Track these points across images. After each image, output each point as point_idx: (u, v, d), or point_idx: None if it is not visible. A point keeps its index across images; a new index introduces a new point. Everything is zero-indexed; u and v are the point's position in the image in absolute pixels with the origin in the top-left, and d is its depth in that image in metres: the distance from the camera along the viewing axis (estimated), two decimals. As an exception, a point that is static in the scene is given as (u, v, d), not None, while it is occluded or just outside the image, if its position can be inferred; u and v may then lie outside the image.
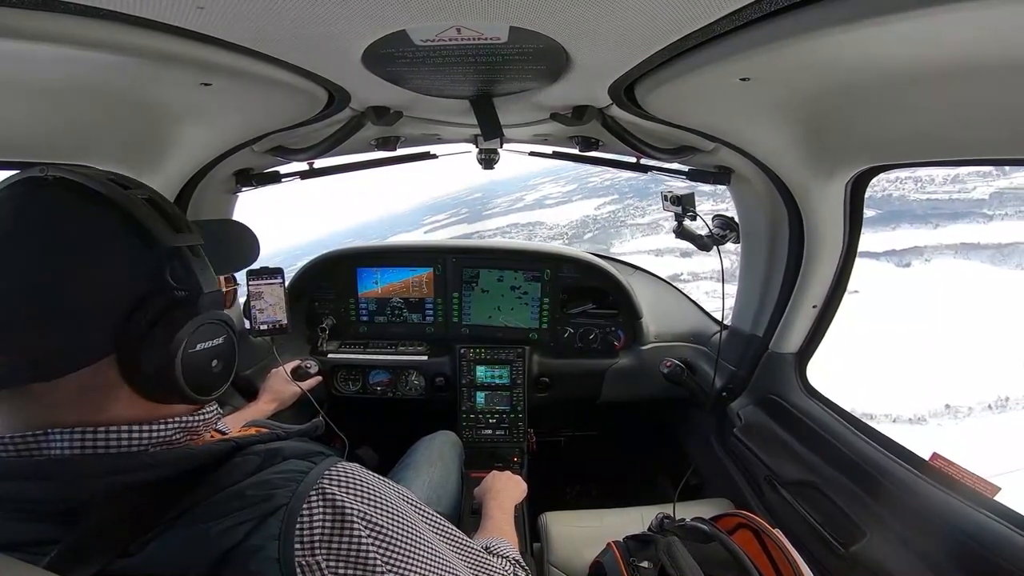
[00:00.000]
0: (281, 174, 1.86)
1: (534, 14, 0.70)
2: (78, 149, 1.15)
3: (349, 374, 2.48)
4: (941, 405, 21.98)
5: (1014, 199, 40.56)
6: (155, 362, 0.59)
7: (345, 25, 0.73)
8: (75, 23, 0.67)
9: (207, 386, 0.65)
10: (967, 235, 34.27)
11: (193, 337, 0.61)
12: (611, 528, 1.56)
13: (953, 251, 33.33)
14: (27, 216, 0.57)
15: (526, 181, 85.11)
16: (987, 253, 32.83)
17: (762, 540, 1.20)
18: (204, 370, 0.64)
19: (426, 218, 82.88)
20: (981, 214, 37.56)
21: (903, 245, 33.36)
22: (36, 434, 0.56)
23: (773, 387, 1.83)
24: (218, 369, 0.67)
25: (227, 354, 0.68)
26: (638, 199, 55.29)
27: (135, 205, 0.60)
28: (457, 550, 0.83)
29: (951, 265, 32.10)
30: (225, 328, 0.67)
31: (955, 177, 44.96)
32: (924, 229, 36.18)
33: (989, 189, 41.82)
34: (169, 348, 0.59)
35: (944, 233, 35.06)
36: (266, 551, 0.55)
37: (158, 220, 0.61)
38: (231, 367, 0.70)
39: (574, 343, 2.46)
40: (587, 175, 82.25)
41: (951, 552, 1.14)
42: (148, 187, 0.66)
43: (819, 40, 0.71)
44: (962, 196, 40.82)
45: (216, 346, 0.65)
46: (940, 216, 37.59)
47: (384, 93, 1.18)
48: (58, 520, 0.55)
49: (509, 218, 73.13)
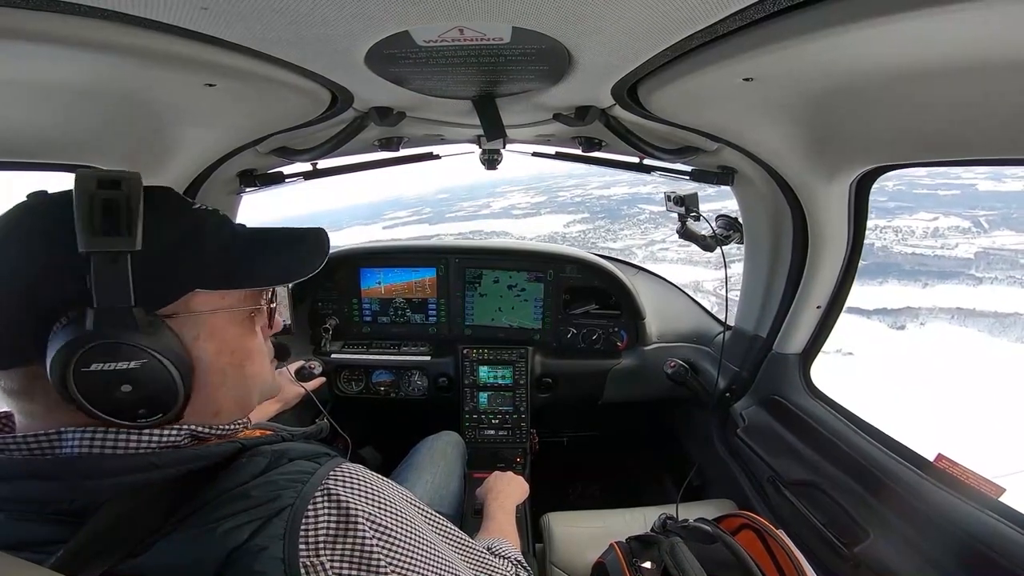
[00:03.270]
0: (285, 175, 1.86)
1: (537, 15, 0.70)
2: (83, 150, 1.16)
3: (352, 374, 2.49)
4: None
5: (1001, 262, 39.91)
6: (53, 375, 0.55)
7: (348, 26, 0.73)
8: (80, 24, 0.68)
9: (124, 411, 0.59)
10: (961, 299, 33.33)
11: (86, 355, 0.55)
12: (614, 529, 1.56)
13: (949, 315, 32.15)
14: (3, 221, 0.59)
15: (494, 187, 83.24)
16: (985, 322, 31.71)
17: (765, 541, 1.19)
18: (109, 394, 0.58)
19: (387, 213, 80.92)
20: (970, 276, 36.79)
21: (895, 304, 32.38)
22: (49, 433, 0.57)
23: (777, 388, 1.83)
24: (133, 396, 0.58)
25: (147, 381, 0.59)
26: (609, 221, 53.27)
27: (82, 204, 0.55)
28: (459, 551, 0.83)
29: (948, 331, 30.91)
30: (140, 352, 0.58)
31: (935, 231, 44.55)
32: (914, 287, 35.20)
33: (972, 247, 41.07)
34: (61, 362, 0.55)
35: (935, 294, 34.13)
36: (271, 551, 0.55)
37: (90, 221, 0.55)
38: (159, 396, 0.60)
39: (577, 343, 2.46)
40: (557, 188, 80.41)
41: (956, 553, 1.14)
42: (137, 185, 0.58)
43: (823, 40, 0.71)
44: (945, 252, 40.07)
45: (123, 370, 0.57)
46: (928, 275, 36.78)
47: (387, 94, 1.18)
48: (64, 520, 0.55)
49: (473, 224, 71.36)
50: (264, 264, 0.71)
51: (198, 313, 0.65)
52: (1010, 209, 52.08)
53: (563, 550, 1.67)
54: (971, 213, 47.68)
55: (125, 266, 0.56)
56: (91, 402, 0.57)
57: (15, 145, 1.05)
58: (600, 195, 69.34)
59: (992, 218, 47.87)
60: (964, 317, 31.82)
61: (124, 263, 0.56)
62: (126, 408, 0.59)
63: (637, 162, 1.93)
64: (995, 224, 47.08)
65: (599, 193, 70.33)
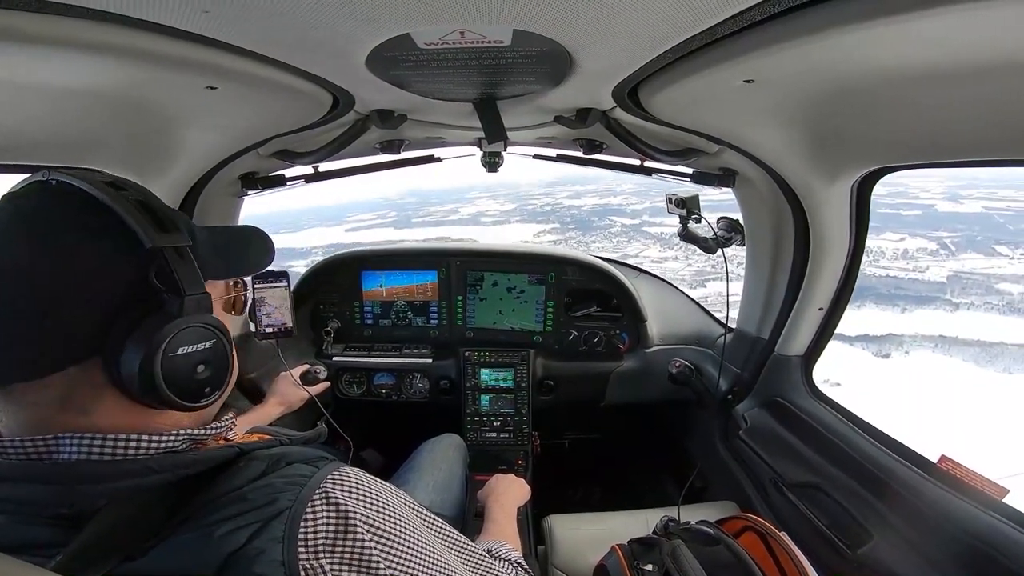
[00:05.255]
0: (286, 177, 1.86)
1: (538, 17, 0.71)
2: (85, 152, 1.16)
3: (354, 377, 2.49)
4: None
5: (974, 286, 39.27)
6: (135, 365, 0.57)
7: (349, 29, 0.73)
8: (81, 26, 0.68)
9: (193, 392, 0.63)
10: (942, 326, 32.37)
11: (174, 341, 0.59)
12: (615, 531, 1.56)
13: (933, 343, 31.17)
14: (20, 217, 0.57)
15: (463, 193, 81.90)
16: (971, 351, 30.68)
17: (768, 543, 1.19)
18: (188, 375, 0.62)
19: (351, 215, 79.18)
20: (946, 301, 35.96)
21: (877, 331, 31.37)
22: (47, 438, 0.57)
23: (779, 389, 1.82)
24: (205, 375, 0.64)
25: (216, 360, 0.65)
26: (580, 232, 52.36)
27: (123, 205, 0.59)
28: (459, 553, 0.83)
29: (932, 360, 29.85)
30: (213, 333, 0.64)
31: (904, 252, 44.06)
32: (892, 312, 34.19)
33: (942, 271, 40.62)
34: (147, 351, 0.57)
35: (915, 320, 33.21)
36: (270, 554, 0.55)
37: (143, 220, 0.59)
38: (223, 374, 0.67)
39: (578, 346, 2.46)
40: (527, 196, 79.71)
41: (959, 555, 1.13)
42: (143, 189, 0.65)
43: (823, 42, 0.71)
44: (918, 275, 39.59)
45: (202, 351, 0.63)
46: (906, 299, 35.98)
47: (388, 96, 1.19)
48: (63, 524, 0.55)
49: (440, 230, 70.62)
50: (240, 256, 0.81)
51: None
52: (972, 231, 51.88)
53: (564, 552, 1.67)
54: (936, 235, 47.49)
55: (190, 258, 0.63)
56: (172, 387, 0.59)
57: (15, 147, 1.06)
58: (570, 204, 69.05)
59: (957, 240, 47.77)
60: (948, 345, 31.07)
61: (188, 255, 0.63)
62: (198, 388, 0.64)
63: (638, 164, 1.93)
64: (960, 246, 46.90)
65: (569, 203, 70.05)
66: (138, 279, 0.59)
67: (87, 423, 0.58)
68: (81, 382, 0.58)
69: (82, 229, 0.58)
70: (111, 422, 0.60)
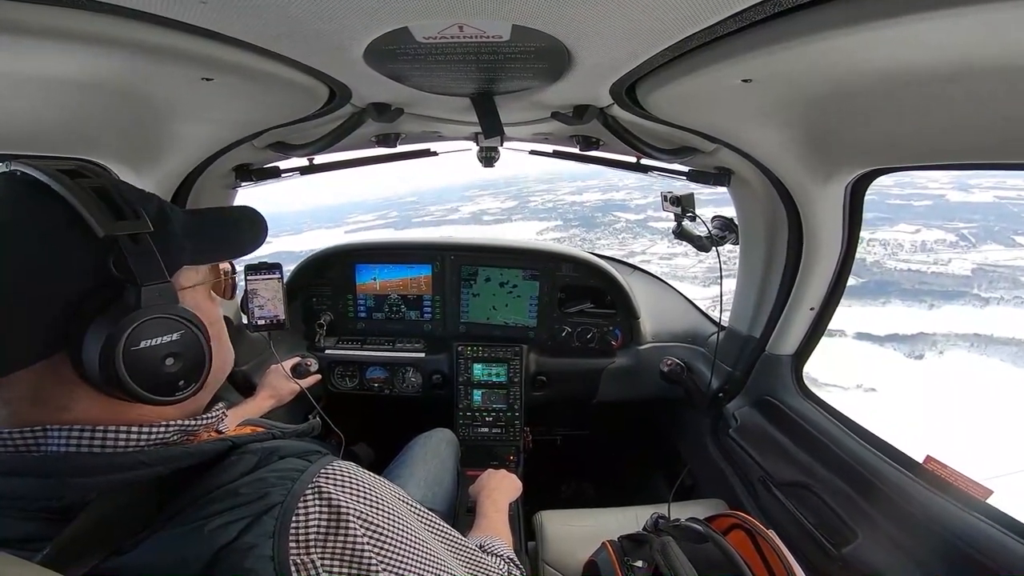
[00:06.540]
0: (281, 169, 1.85)
1: (537, 13, 0.70)
2: (79, 143, 1.15)
3: (346, 370, 2.48)
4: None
5: (1002, 280, 37.29)
6: (98, 360, 0.55)
7: (348, 21, 0.73)
8: (76, 17, 0.67)
9: (165, 386, 0.60)
10: (976, 324, 29.75)
11: (134, 334, 0.56)
12: (606, 527, 1.57)
13: (968, 343, 28.65)
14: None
15: (464, 192, 79.92)
16: (1008, 350, 28.08)
17: (756, 541, 1.20)
18: (154, 369, 0.59)
19: (351, 216, 77.68)
20: (975, 296, 34.11)
21: (907, 330, 28.87)
22: (35, 430, 0.56)
23: (769, 388, 1.84)
24: (175, 368, 0.61)
25: (187, 351, 0.62)
26: (584, 229, 50.56)
27: (76, 194, 0.56)
28: (451, 548, 0.83)
29: (971, 361, 27.38)
30: (181, 323, 0.61)
31: (923, 245, 42.57)
32: (919, 308, 31.87)
33: (965, 263, 38.53)
34: (106, 345, 0.55)
35: (945, 317, 30.55)
36: (260, 549, 0.55)
37: (95, 208, 0.56)
38: (196, 366, 0.64)
39: (571, 342, 2.46)
40: (528, 193, 78.56)
41: (942, 554, 1.15)
42: (107, 176, 0.62)
43: (821, 42, 0.72)
44: (941, 269, 37.44)
45: (168, 343, 0.60)
46: (932, 294, 33.82)
47: (385, 90, 1.18)
48: (52, 517, 0.54)
49: (441, 230, 68.10)
50: (226, 238, 0.77)
51: (185, 289, 0.67)
52: (988, 221, 50.02)
53: (555, 548, 1.68)
54: (952, 225, 46.02)
55: (149, 245, 0.59)
56: (139, 381, 0.57)
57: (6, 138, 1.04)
58: (572, 201, 68.16)
59: (974, 231, 46.10)
60: (984, 344, 28.89)
61: (147, 243, 0.59)
62: (169, 382, 0.61)
63: (634, 162, 1.93)
64: (980, 237, 45.28)
65: (571, 199, 69.24)
66: (97, 270, 0.57)
67: (70, 418, 0.57)
68: (50, 378, 0.57)
69: (37, 220, 0.55)
70: (92, 416, 0.58)
